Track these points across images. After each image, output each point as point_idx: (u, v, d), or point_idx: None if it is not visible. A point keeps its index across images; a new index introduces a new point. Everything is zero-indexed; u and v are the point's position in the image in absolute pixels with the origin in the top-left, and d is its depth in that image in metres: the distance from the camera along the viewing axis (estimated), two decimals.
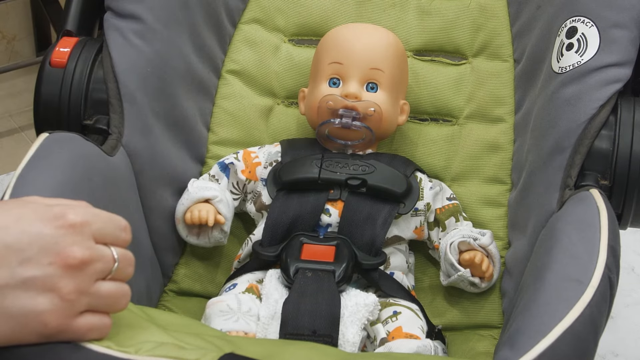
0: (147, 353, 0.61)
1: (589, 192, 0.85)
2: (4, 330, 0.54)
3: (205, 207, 0.97)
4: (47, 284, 0.55)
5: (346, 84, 0.99)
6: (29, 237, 0.55)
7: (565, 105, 0.90)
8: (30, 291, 0.55)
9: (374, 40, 1.02)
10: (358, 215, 0.94)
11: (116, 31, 0.95)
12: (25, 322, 0.56)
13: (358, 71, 0.99)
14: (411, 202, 0.98)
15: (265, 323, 0.85)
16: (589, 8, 0.92)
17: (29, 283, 0.55)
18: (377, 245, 0.93)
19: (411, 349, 0.84)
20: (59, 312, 0.56)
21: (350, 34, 1.03)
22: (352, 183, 0.95)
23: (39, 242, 0.56)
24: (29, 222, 0.56)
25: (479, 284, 0.97)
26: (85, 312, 0.58)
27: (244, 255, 0.99)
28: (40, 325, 0.55)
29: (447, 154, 1.09)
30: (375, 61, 1.00)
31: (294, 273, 0.88)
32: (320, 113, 0.99)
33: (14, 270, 0.55)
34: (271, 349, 0.67)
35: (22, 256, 0.55)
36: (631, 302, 1.47)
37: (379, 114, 0.98)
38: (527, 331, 0.69)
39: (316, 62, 1.03)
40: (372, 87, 0.99)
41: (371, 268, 0.92)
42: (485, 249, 0.97)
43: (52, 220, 0.57)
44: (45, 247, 0.56)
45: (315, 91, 1.01)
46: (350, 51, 1.00)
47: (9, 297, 0.55)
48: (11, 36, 1.86)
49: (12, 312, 0.55)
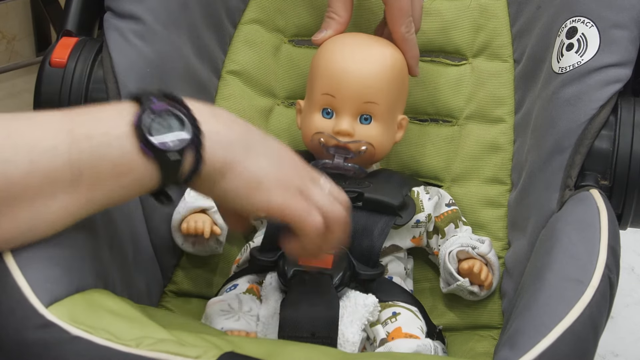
0: (147, 347, 0.62)
1: (589, 193, 0.85)
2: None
3: (202, 217, 0.97)
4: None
5: (339, 118, 0.96)
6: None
7: (566, 105, 0.90)
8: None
9: (367, 70, 0.96)
10: (354, 226, 0.93)
11: (116, 31, 0.95)
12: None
13: (351, 105, 0.96)
14: (408, 215, 0.97)
15: (265, 323, 0.85)
16: (589, 8, 0.92)
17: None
18: (375, 256, 0.93)
19: (411, 348, 0.84)
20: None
21: (344, 63, 0.96)
22: (348, 196, 0.94)
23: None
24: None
25: (478, 292, 0.98)
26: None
27: (242, 260, 0.99)
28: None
29: (447, 154, 1.09)
30: (370, 95, 0.96)
31: (290, 277, 0.88)
32: (312, 146, 0.98)
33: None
34: (271, 349, 0.67)
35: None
36: (631, 302, 1.47)
37: (372, 150, 0.97)
38: (527, 331, 0.69)
39: (311, 80, 1.00)
40: (366, 119, 0.96)
41: (369, 279, 0.92)
42: (484, 257, 0.97)
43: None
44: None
45: (308, 119, 0.99)
46: (342, 84, 0.95)
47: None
48: (11, 36, 1.86)
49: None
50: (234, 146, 0.71)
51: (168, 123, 0.67)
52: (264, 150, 0.73)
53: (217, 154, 0.69)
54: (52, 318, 0.63)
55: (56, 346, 0.62)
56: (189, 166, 0.68)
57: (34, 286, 0.64)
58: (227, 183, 0.71)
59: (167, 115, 0.68)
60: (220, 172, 0.70)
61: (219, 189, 0.71)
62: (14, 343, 0.63)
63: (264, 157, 0.73)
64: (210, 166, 0.69)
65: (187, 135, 0.67)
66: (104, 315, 0.66)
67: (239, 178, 0.71)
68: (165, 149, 0.67)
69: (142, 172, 0.67)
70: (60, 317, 0.63)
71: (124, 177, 0.67)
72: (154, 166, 0.67)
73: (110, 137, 0.66)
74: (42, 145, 0.64)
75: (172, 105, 0.68)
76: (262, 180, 0.72)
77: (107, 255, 0.77)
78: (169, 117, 0.68)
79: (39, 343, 0.62)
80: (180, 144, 0.67)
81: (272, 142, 0.76)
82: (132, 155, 0.66)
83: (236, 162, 0.71)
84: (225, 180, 0.71)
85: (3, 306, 0.64)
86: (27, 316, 0.63)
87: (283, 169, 0.74)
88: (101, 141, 0.65)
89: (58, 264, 0.67)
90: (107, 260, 0.77)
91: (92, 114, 0.67)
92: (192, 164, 0.68)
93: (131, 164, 0.66)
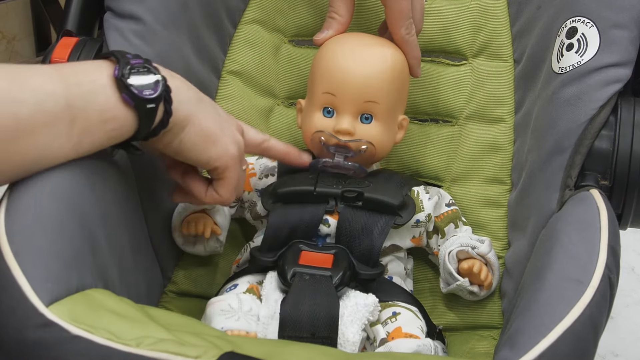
0: (148, 347, 0.62)
1: (589, 193, 0.85)
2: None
3: (202, 217, 0.97)
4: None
5: (339, 117, 0.96)
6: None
7: (566, 105, 0.90)
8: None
9: (368, 70, 0.96)
10: (354, 226, 0.93)
11: (116, 31, 0.95)
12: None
13: (352, 104, 0.96)
14: (408, 214, 0.96)
15: (265, 323, 0.85)
16: (589, 8, 0.92)
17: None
18: (375, 256, 0.93)
19: (411, 348, 0.84)
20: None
21: (345, 62, 0.97)
22: (348, 195, 0.94)
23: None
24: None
25: (478, 292, 0.98)
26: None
27: (242, 260, 0.99)
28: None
29: (447, 154, 1.09)
30: (370, 94, 0.96)
31: (290, 277, 0.88)
32: (312, 145, 0.98)
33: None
34: (271, 349, 0.67)
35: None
36: (631, 302, 1.47)
37: (372, 149, 0.97)
38: (527, 331, 0.69)
39: (311, 80, 1.00)
40: (366, 118, 0.96)
41: (369, 278, 0.92)
42: (483, 257, 0.97)
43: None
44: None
45: (308, 118, 0.99)
46: (343, 84, 0.95)
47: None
48: (11, 36, 1.86)
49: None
50: (192, 102, 0.82)
51: (144, 77, 0.76)
52: (212, 110, 0.85)
53: (181, 108, 0.80)
54: (53, 317, 0.63)
55: (56, 345, 0.62)
56: (159, 117, 0.78)
57: (35, 285, 0.64)
58: (186, 136, 0.81)
59: (143, 69, 0.77)
60: (181, 125, 0.80)
61: (177, 142, 0.81)
62: (15, 342, 0.63)
63: (212, 114, 0.84)
64: (175, 119, 0.79)
65: (161, 88, 0.77)
66: (104, 314, 0.66)
67: (197, 131, 0.82)
68: (143, 97, 0.75)
69: (123, 119, 0.75)
70: (60, 316, 0.63)
71: (109, 123, 0.74)
72: (132, 115, 0.75)
73: (97, 86, 0.74)
74: (45, 89, 0.70)
75: (146, 62, 0.78)
76: (217, 134, 0.83)
77: (106, 256, 0.77)
78: (145, 71, 0.77)
79: (39, 342, 0.62)
80: (155, 94, 0.76)
81: (212, 102, 0.88)
82: (115, 103, 0.74)
83: (194, 117, 0.81)
84: (184, 132, 0.81)
85: (3, 305, 0.64)
86: (28, 315, 0.63)
87: (229, 127, 0.86)
88: (89, 89, 0.73)
89: (58, 263, 0.67)
90: (106, 260, 0.77)
91: (76, 67, 0.75)
92: (161, 117, 0.78)
93: (114, 111, 0.74)
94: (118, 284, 0.80)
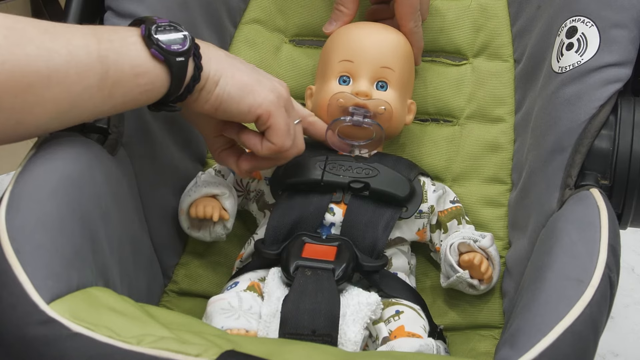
0: (148, 345, 0.62)
1: (589, 192, 0.85)
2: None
3: (211, 202, 0.97)
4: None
5: (357, 82, 0.99)
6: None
7: (566, 105, 0.90)
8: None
9: (384, 39, 1.02)
10: (360, 218, 0.94)
11: None
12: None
13: (368, 69, 0.99)
14: (414, 207, 0.97)
15: (267, 321, 0.85)
16: (589, 8, 0.92)
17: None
18: (379, 248, 0.93)
19: (413, 347, 0.84)
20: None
21: (361, 32, 1.02)
22: (355, 186, 0.95)
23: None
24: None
25: (478, 286, 0.98)
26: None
27: (246, 254, 1.00)
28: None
29: (448, 154, 1.09)
30: (386, 60, 1.00)
31: (293, 270, 0.88)
32: (330, 111, 0.99)
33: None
34: (272, 348, 0.67)
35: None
36: (631, 302, 1.47)
37: (389, 112, 0.98)
38: (528, 330, 0.69)
39: (325, 59, 1.03)
40: (382, 86, 1.00)
41: (372, 270, 0.92)
42: (485, 251, 0.97)
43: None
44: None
45: (324, 88, 1.01)
46: (360, 49, 1.00)
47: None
48: None
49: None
50: (222, 58, 0.85)
51: (171, 34, 0.79)
52: (244, 66, 0.87)
53: (212, 63, 0.83)
54: (53, 314, 0.63)
55: (57, 342, 0.62)
56: (190, 74, 0.80)
57: (36, 283, 0.65)
58: (221, 89, 0.83)
59: (169, 28, 0.80)
60: (213, 81, 0.83)
61: (215, 97, 0.83)
62: (15, 339, 0.63)
63: (246, 68, 0.87)
64: (207, 73, 0.82)
65: (189, 43, 0.80)
66: (105, 312, 0.66)
67: (231, 83, 0.84)
68: (172, 50, 0.78)
69: (154, 74, 0.78)
70: (61, 313, 0.63)
71: (140, 77, 0.77)
72: (164, 70, 0.78)
73: (128, 42, 0.77)
74: (76, 41, 0.73)
75: (172, 22, 0.81)
76: (253, 84, 0.85)
77: (107, 254, 0.77)
78: (171, 29, 0.80)
79: (40, 339, 0.62)
80: (183, 48, 0.79)
81: (248, 63, 0.89)
82: (145, 58, 0.77)
83: (226, 70, 0.84)
84: (219, 87, 0.83)
85: (4, 302, 0.64)
86: (29, 312, 0.63)
87: (266, 79, 0.88)
88: (121, 44, 0.76)
89: (59, 261, 0.67)
90: (107, 259, 0.77)
91: (106, 28, 0.79)
92: (192, 72, 0.80)
93: (146, 65, 0.77)
94: (119, 282, 0.80)
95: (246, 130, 0.91)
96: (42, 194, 0.71)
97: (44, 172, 0.73)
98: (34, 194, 0.71)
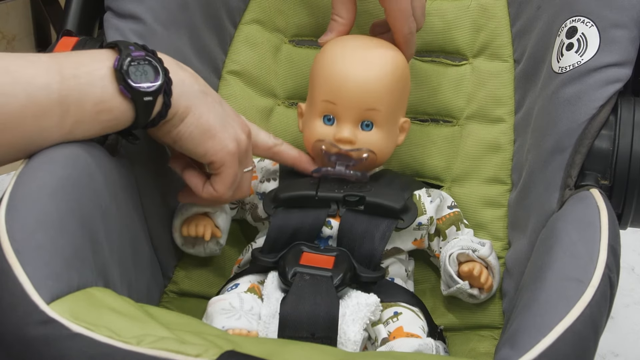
0: (148, 345, 0.62)
1: (589, 192, 0.85)
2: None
3: (203, 220, 0.97)
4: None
5: (340, 125, 0.96)
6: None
7: (566, 105, 0.90)
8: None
9: (368, 77, 0.95)
10: (356, 228, 0.93)
11: (116, 31, 0.95)
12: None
13: (352, 113, 0.95)
14: (410, 218, 0.96)
15: (267, 322, 0.85)
16: (589, 8, 0.92)
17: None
18: (376, 260, 0.93)
19: (412, 347, 0.84)
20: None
21: (344, 67, 0.95)
22: (350, 199, 0.94)
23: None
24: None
25: (478, 295, 0.98)
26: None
27: (244, 261, 1.00)
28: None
29: (448, 154, 1.09)
30: (371, 102, 0.95)
31: (291, 276, 0.88)
32: (314, 152, 0.98)
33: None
34: (272, 348, 0.67)
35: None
36: (631, 302, 1.47)
37: (373, 157, 0.96)
38: (528, 330, 0.69)
39: (312, 85, 1.00)
40: (367, 125, 0.96)
41: (369, 281, 0.92)
42: (484, 260, 0.97)
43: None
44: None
45: (309, 125, 0.99)
46: (343, 92, 0.95)
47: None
48: (11, 36, 1.86)
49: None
50: (195, 95, 0.83)
51: (144, 69, 0.78)
52: (215, 106, 0.85)
53: (182, 100, 0.81)
54: (53, 314, 0.63)
55: (57, 342, 0.62)
56: (157, 109, 0.79)
57: (36, 283, 0.64)
58: (185, 127, 0.83)
59: (144, 62, 0.78)
60: (180, 118, 0.82)
61: (176, 133, 0.83)
62: (15, 339, 0.63)
63: (216, 109, 0.85)
64: (175, 110, 0.81)
65: (160, 81, 0.78)
66: (105, 312, 0.66)
67: (195, 124, 0.83)
68: (141, 90, 0.77)
69: (119, 111, 0.77)
70: (61, 313, 0.63)
71: (103, 114, 0.76)
72: (129, 106, 0.77)
73: (94, 77, 0.75)
74: (37, 82, 0.72)
75: (147, 55, 0.79)
76: (217, 129, 0.84)
77: (107, 255, 0.77)
78: (145, 64, 0.78)
79: (40, 339, 0.62)
80: (153, 87, 0.78)
81: (221, 99, 0.88)
82: (112, 95, 0.76)
83: (195, 108, 0.83)
84: (183, 124, 0.82)
85: (4, 302, 0.64)
86: (29, 312, 0.63)
87: (232, 124, 0.87)
88: (86, 80, 0.74)
89: (59, 261, 0.67)
90: (107, 259, 0.77)
91: (76, 56, 0.77)
92: (159, 108, 0.79)
93: (111, 102, 0.76)
94: (119, 283, 0.80)
95: (191, 170, 0.91)
96: (42, 194, 0.71)
97: (44, 173, 0.73)
98: (34, 194, 0.71)
